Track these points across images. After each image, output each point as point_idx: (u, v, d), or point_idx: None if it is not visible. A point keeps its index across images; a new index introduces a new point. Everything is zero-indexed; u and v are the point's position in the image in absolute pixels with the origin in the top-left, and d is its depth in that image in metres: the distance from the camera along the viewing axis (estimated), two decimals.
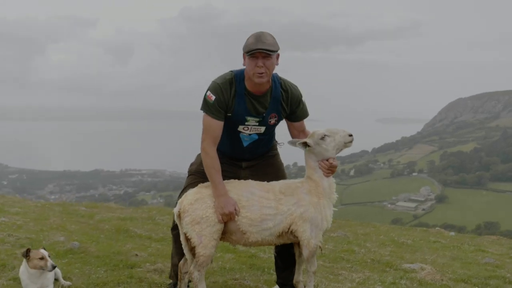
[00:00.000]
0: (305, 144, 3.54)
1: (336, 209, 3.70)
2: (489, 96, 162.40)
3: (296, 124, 3.77)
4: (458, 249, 7.47)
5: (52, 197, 78.30)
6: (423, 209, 75.95)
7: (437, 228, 10.49)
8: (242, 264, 5.25)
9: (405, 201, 79.98)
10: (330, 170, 3.55)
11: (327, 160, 3.54)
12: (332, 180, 3.60)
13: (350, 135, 3.54)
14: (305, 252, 3.52)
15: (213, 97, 3.44)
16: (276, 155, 3.96)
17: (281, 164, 3.97)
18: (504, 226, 52.01)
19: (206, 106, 3.49)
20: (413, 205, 78.01)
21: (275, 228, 3.45)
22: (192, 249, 3.51)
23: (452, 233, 9.54)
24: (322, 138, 3.50)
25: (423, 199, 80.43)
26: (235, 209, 3.40)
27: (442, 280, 4.96)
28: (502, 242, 8.75)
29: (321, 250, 3.69)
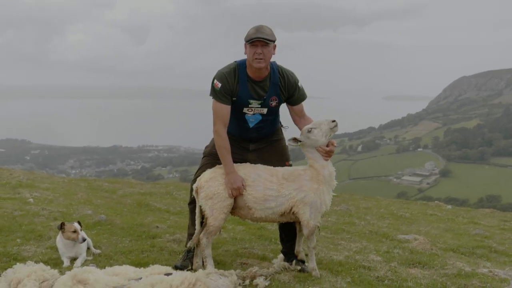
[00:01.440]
0: (296, 140, 4.05)
1: (335, 194, 4.20)
2: (492, 74, 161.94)
3: (296, 108, 4.25)
4: (452, 221, 7.94)
5: (73, 171, 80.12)
6: (428, 183, 77.07)
7: (436, 201, 10.94)
8: (252, 235, 5.80)
9: (410, 176, 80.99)
10: (327, 154, 4.04)
11: (331, 145, 4.04)
12: (332, 169, 4.07)
13: (334, 121, 4.01)
14: (305, 231, 4.05)
15: (220, 85, 3.95)
16: (280, 140, 4.43)
17: (286, 148, 4.44)
18: (506, 199, 52.89)
19: (214, 93, 4.00)
20: (418, 179, 79.05)
21: (277, 208, 3.97)
22: (204, 221, 4.07)
23: (449, 207, 10.00)
24: (309, 131, 4.01)
25: (427, 174, 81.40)
26: (242, 185, 3.93)
27: (432, 249, 5.41)
28: (495, 215, 9.20)
29: (319, 229, 4.19)
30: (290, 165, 4.35)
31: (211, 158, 4.27)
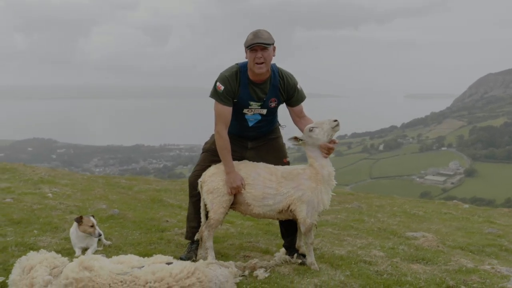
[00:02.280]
0: (297, 139, 4.17)
1: (334, 193, 4.29)
2: None
3: (296, 109, 4.38)
4: (467, 220, 7.87)
5: (97, 170, 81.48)
6: (452, 183, 75.65)
7: (454, 201, 10.85)
8: (259, 230, 5.94)
9: (433, 175, 79.68)
10: (328, 151, 4.14)
11: (333, 143, 4.14)
12: (331, 169, 4.16)
13: (335, 121, 4.10)
14: (302, 228, 4.18)
15: (222, 87, 4.09)
16: (278, 138, 4.58)
17: (283, 145, 4.59)
18: None
19: (217, 95, 4.14)
20: (441, 179, 77.62)
21: (275, 205, 4.12)
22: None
23: (466, 206, 9.89)
24: (311, 130, 4.12)
25: (452, 173, 79.90)
26: (242, 183, 4.09)
27: (438, 246, 5.43)
28: None
29: (316, 227, 4.33)
30: (288, 162, 4.49)
31: (209, 154, 4.44)
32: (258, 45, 3.96)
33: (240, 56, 4.33)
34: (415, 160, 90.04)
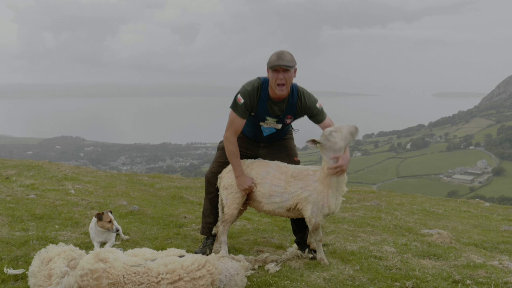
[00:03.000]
0: (314, 142, 4.17)
1: (344, 198, 4.34)
2: None
3: (321, 125, 4.43)
4: (486, 218, 7.81)
5: (124, 168, 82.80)
6: (480, 182, 74.42)
7: (476, 199, 10.72)
8: (275, 226, 6.04)
9: (461, 174, 78.55)
10: (337, 172, 4.09)
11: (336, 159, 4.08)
12: (343, 177, 4.15)
13: (356, 127, 4.13)
14: (309, 226, 4.28)
15: (242, 101, 4.23)
16: (290, 139, 4.72)
17: (294, 146, 4.73)
18: None
19: (235, 106, 4.28)
20: (469, 178, 76.46)
21: (283, 203, 4.24)
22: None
23: (487, 204, 9.78)
24: (330, 134, 4.16)
25: (479, 172, 78.59)
26: (252, 184, 4.26)
27: (451, 243, 5.43)
28: None
29: (323, 228, 4.44)
30: (298, 161, 4.61)
31: (224, 152, 4.57)
32: (281, 67, 4.07)
33: (267, 55, 4.41)
34: (442, 159, 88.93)
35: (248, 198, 4.40)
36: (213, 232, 4.58)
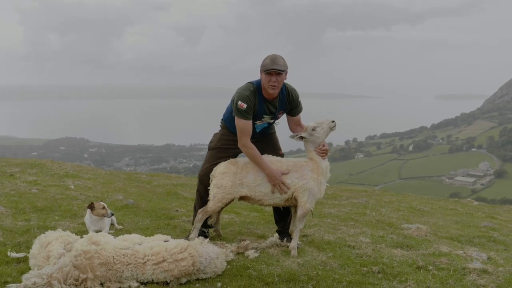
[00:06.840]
0: (301, 138, 4.70)
1: (328, 184, 4.78)
2: None
3: (295, 118, 4.97)
4: (469, 216, 8.08)
5: (128, 169, 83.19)
6: (482, 184, 74.62)
7: (468, 199, 11.02)
8: (262, 220, 6.38)
9: (463, 176, 78.66)
10: (324, 153, 4.69)
11: (322, 146, 4.68)
12: (327, 163, 4.73)
13: (333, 121, 4.67)
14: (299, 212, 4.64)
15: (245, 105, 4.58)
16: (273, 133, 5.16)
17: (277, 139, 5.18)
18: None
19: (240, 113, 4.62)
20: (471, 180, 76.59)
21: (283, 196, 4.65)
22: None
23: (476, 203, 10.08)
24: (314, 129, 4.66)
25: (482, 174, 78.77)
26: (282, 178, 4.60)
27: (425, 236, 5.78)
28: None
29: (312, 214, 4.89)
30: (282, 154, 5.02)
31: (216, 152, 4.98)
32: (274, 71, 4.47)
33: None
34: (444, 161, 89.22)
35: (248, 198, 4.74)
36: (208, 222, 4.98)
